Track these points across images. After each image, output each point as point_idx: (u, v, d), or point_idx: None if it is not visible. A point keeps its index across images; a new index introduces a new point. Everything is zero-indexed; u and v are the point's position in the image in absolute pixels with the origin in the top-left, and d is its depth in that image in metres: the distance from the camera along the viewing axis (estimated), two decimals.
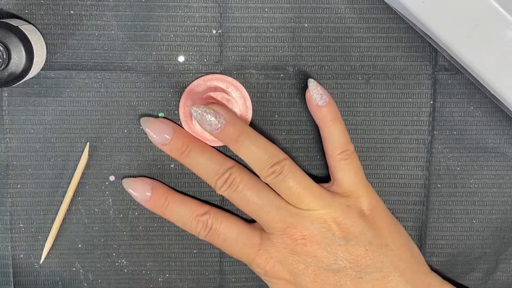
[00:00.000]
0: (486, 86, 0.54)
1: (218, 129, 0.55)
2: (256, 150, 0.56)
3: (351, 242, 0.56)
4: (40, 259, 0.61)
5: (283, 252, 0.57)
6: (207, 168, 0.57)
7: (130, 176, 0.60)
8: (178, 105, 0.59)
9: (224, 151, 0.59)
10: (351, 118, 0.60)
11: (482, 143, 0.60)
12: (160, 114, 0.59)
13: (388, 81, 0.59)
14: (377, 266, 0.57)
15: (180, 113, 0.59)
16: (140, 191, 0.59)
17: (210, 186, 0.58)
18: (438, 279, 0.59)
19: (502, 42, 0.52)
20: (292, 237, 0.56)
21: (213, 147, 0.58)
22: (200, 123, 0.55)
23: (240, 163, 0.58)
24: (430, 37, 0.55)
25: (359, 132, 0.60)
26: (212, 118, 0.55)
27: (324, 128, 0.57)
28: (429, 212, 0.61)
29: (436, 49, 0.58)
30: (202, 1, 0.58)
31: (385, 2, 0.57)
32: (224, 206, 0.61)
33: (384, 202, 0.61)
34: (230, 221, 0.58)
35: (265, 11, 0.58)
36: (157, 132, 0.58)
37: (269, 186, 0.57)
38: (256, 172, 0.56)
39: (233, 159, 0.58)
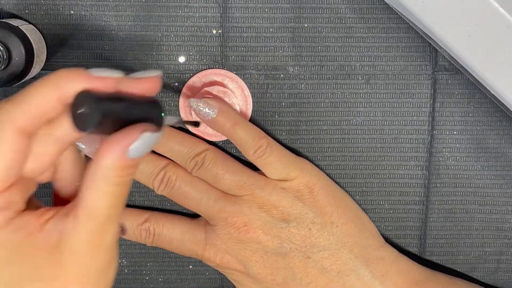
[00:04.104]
0: (486, 86, 0.54)
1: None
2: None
3: (292, 223, 0.57)
4: None
5: (229, 243, 0.57)
6: (142, 170, 0.57)
7: None
8: (178, 105, 0.59)
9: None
10: (351, 118, 0.60)
11: (482, 143, 0.60)
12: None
13: (388, 81, 0.59)
14: (324, 244, 0.57)
15: (181, 113, 0.59)
16: None
17: (149, 188, 0.58)
18: (392, 253, 0.59)
19: (502, 42, 0.52)
20: (234, 226, 0.56)
21: (211, 142, 0.59)
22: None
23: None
24: (430, 37, 0.55)
25: (359, 132, 0.60)
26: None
27: (228, 136, 0.57)
28: (429, 212, 0.61)
29: (436, 49, 0.58)
30: (202, 1, 0.58)
31: (385, 2, 0.57)
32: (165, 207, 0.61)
33: (384, 202, 0.61)
34: (172, 222, 0.58)
35: (265, 11, 0.58)
36: (90, 144, 0.54)
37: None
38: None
39: (165, 158, 0.58)
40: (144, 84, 0.43)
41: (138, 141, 0.42)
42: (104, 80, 0.42)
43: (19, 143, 0.42)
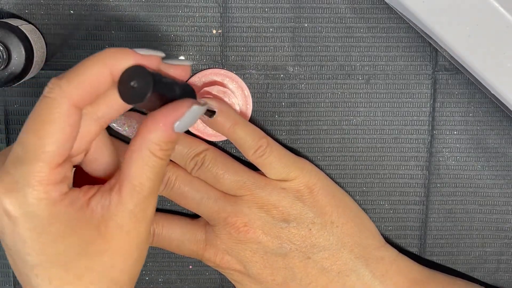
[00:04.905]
0: (486, 86, 0.54)
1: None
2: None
3: (292, 223, 0.56)
4: None
5: (229, 243, 0.57)
6: None
7: None
8: None
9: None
10: (351, 118, 0.60)
11: (483, 143, 0.60)
12: None
13: (388, 81, 0.59)
14: (324, 244, 0.57)
15: None
16: None
17: None
18: (392, 252, 0.59)
19: (502, 42, 0.52)
20: (234, 226, 0.56)
21: (211, 142, 0.59)
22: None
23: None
24: (430, 37, 0.55)
25: (359, 132, 0.60)
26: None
27: (228, 136, 0.57)
28: (429, 212, 0.61)
29: (436, 49, 0.58)
30: (202, 1, 0.58)
31: (385, 2, 0.57)
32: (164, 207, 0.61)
33: (384, 202, 0.61)
34: (172, 222, 0.58)
35: (265, 11, 0.58)
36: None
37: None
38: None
39: None
40: (178, 70, 0.47)
41: (187, 113, 0.45)
42: (149, 58, 0.45)
43: (73, 118, 0.44)
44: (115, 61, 0.44)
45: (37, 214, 0.44)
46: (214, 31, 0.58)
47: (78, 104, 0.44)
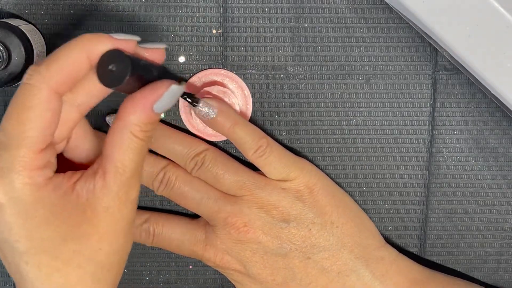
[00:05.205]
0: (486, 86, 0.54)
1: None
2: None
3: (292, 224, 0.56)
4: None
5: (229, 243, 0.57)
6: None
7: None
8: (178, 105, 0.59)
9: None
10: (351, 118, 0.60)
11: (483, 143, 0.60)
12: (162, 116, 0.59)
13: (388, 81, 0.59)
14: (324, 245, 0.57)
15: (181, 113, 0.59)
16: None
17: (149, 188, 0.58)
18: (392, 252, 0.59)
19: (502, 42, 0.52)
20: (234, 226, 0.56)
21: (211, 142, 0.59)
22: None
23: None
24: (430, 37, 0.55)
25: (359, 132, 0.60)
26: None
27: (228, 136, 0.57)
28: (429, 212, 0.61)
29: (436, 49, 0.58)
30: (202, 1, 0.58)
31: (385, 2, 0.57)
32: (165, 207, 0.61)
33: (384, 202, 0.61)
34: (172, 222, 0.58)
35: (265, 11, 0.58)
36: None
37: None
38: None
39: (165, 158, 0.58)
40: (153, 53, 0.47)
41: (166, 94, 0.45)
42: (126, 42, 0.45)
43: (53, 104, 0.45)
44: (92, 46, 0.45)
45: (22, 199, 0.44)
46: (214, 31, 0.58)
47: (58, 90, 0.45)
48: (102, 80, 0.45)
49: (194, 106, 0.55)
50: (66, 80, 0.45)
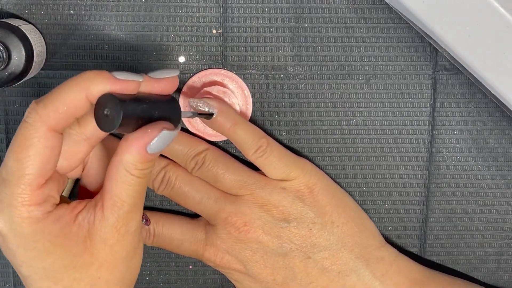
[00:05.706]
0: (486, 86, 0.54)
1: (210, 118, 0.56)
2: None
3: (292, 223, 0.57)
4: None
5: (229, 242, 0.57)
6: None
7: None
8: None
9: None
10: (351, 118, 0.60)
11: (483, 143, 0.60)
12: None
13: (388, 81, 0.59)
14: (324, 244, 0.57)
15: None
16: None
17: (149, 188, 0.58)
18: (392, 252, 0.59)
19: (502, 42, 0.52)
20: (234, 226, 0.56)
21: (211, 142, 0.59)
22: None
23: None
24: (430, 37, 0.55)
25: (359, 132, 0.60)
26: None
27: (228, 136, 0.56)
28: (429, 212, 0.61)
29: (436, 49, 0.58)
30: (202, 1, 0.58)
31: (385, 2, 0.57)
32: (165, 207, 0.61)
33: (384, 202, 0.61)
34: (172, 222, 0.58)
35: (265, 11, 0.58)
36: None
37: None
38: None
39: (165, 158, 0.58)
40: (163, 84, 0.48)
41: (157, 138, 0.46)
42: (127, 83, 0.46)
43: (52, 141, 0.46)
44: (91, 86, 0.45)
45: (21, 232, 0.46)
46: (214, 31, 0.58)
47: (56, 128, 0.46)
48: (99, 123, 0.45)
49: (209, 119, 0.55)
50: (63, 118, 0.46)
